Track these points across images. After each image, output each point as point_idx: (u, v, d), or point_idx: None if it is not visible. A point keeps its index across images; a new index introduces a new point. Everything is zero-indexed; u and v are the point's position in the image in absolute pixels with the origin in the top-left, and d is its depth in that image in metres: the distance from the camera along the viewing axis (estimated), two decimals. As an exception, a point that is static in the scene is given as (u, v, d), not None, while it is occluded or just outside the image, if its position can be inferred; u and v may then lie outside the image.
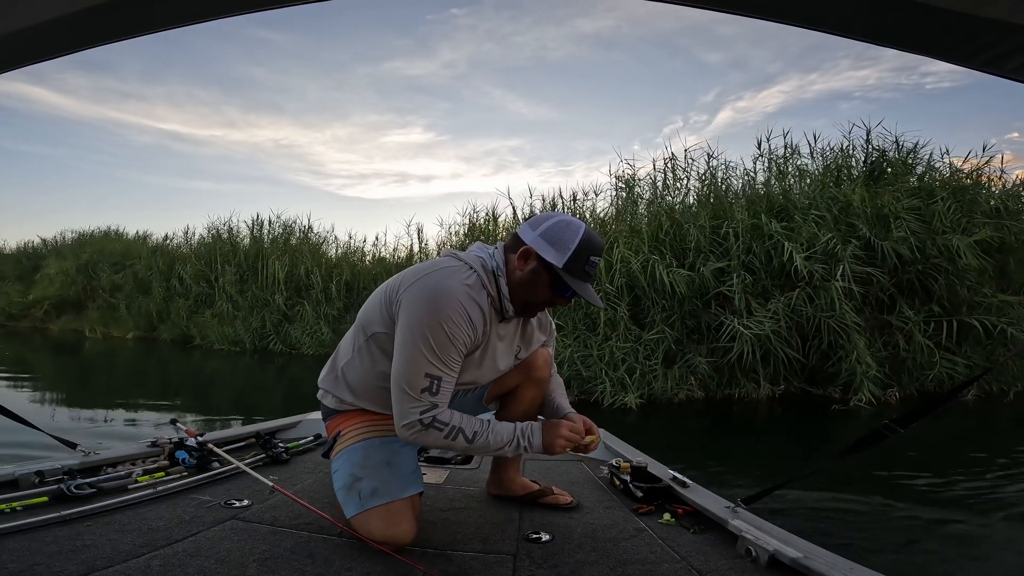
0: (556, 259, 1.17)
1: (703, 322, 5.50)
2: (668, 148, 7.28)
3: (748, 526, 1.25)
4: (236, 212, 14.73)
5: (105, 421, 4.47)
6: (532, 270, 1.21)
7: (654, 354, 5.25)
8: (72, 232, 14.97)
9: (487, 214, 8.98)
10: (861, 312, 5.23)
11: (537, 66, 21.22)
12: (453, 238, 9.16)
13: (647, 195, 7.14)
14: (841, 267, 5.12)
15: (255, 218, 11.57)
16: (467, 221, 9.19)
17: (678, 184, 7.06)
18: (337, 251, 11.00)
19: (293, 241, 11.09)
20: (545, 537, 1.31)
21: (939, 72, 14.28)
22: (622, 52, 20.52)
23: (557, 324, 5.44)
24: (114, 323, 11.70)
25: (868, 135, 6.71)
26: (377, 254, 10.66)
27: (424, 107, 24.13)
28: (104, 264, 12.63)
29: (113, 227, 14.55)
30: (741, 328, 5.01)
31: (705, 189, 6.85)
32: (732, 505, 1.39)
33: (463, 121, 24.00)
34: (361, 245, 11.00)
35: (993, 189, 6.30)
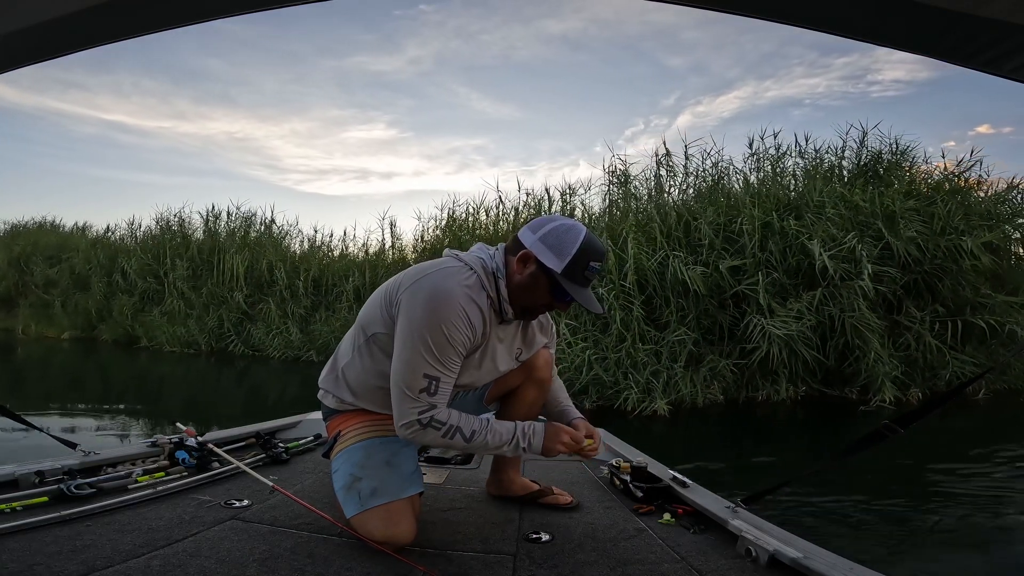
0: (555, 264, 1.17)
1: (718, 322, 5.39)
2: (664, 144, 7.16)
3: (748, 526, 1.25)
4: (189, 203, 13.62)
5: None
6: (531, 274, 1.20)
7: (678, 357, 5.08)
8: (3, 224, 13.81)
9: (467, 209, 8.67)
10: (874, 311, 5.23)
11: (503, 65, 21.19)
12: (428, 233, 8.88)
13: (644, 191, 7.05)
14: (867, 267, 5.09)
15: (210, 209, 10.60)
16: (445, 216, 8.85)
17: (672, 180, 7.01)
18: (302, 246, 10.28)
19: (253, 234, 10.25)
20: (545, 537, 1.31)
21: (884, 81, 14.75)
22: (588, 54, 20.70)
23: (570, 324, 5.30)
24: (48, 322, 10.80)
25: (864, 137, 6.76)
26: (345, 249, 9.97)
27: (388, 103, 23.60)
28: (38, 258, 11.60)
29: (49, 218, 13.45)
30: (773, 328, 4.91)
31: (708, 185, 6.78)
32: (732, 505, 1.39)
33: (427, 118, 23.52)
34: (328, 240, 10.25)
35: (979, 193, 6.35)
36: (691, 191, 6.85)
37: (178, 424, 1.83)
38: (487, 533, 1.34)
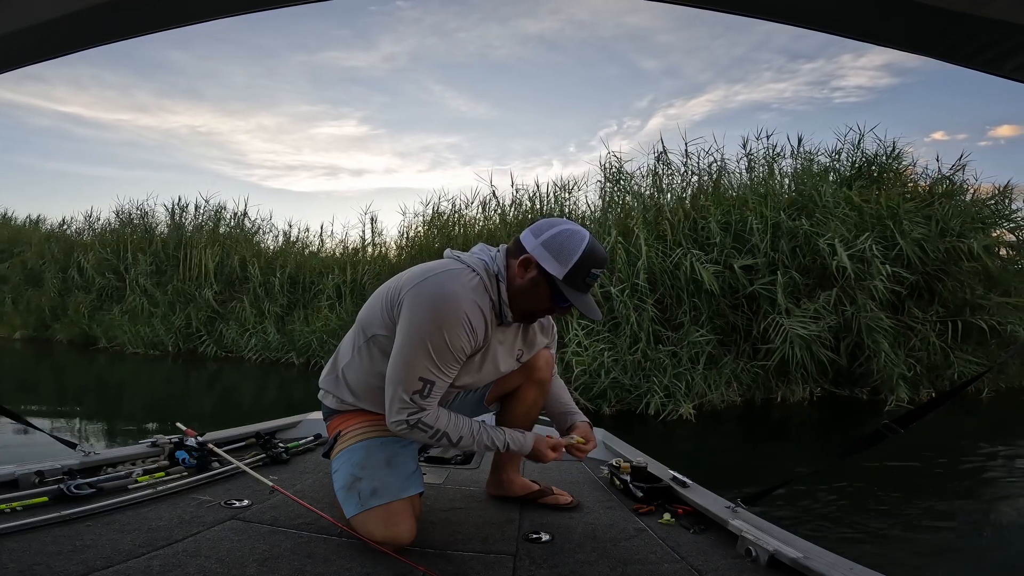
0: (557, 270, 1.16)
1: (731, 322, 5.34)
2: (661, 142, 7.08)
3: (748, 526, 1.25)
4: (153, 195, 13.06)
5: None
6: (532, 279, 1.19)
7: (699, 358, 4.97)
8: (-49, 216, 12.88)
9: (454, 205, 8.44)
10: (881, 311, 5.23)
11: (479, 63, 21.03)
12: (412, 230, 8.66)
13: (644, 188, 6.94)
14: (886, 268, 5.11)
15: (176, 201, 9.98)
16: (430, 211, 8.61)
17: (671, 178, 6.93)
18: (276, 241, 9.81)
19: (222, 229, 9.68)
20: (545, 537, 1.31)
21: (847, 87, 15.28)
22: (563, 54, 20.73)
23: (584, 325, 5.19)
24: (-3, 320, 10.16)
25: (860, 140, 6.76)
26: (322, 245, 9.62)
27: (360, 99, 23.21)
28: (-12, 252, 10.95)
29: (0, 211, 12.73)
30: (800, 329, 4.86)
31: (710, 183, 6.73)
32: (732, 505, 1.39)
33: (400, 115, 23.11)
34: (304, 235, 9.83)
35: (965, 197, 6.37)
36: (690, 189, 6.80)
37: (178, 424, 1.83)
38: (487, 533, 1.34)
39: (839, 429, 4.71)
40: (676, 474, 1.61)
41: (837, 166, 6.82)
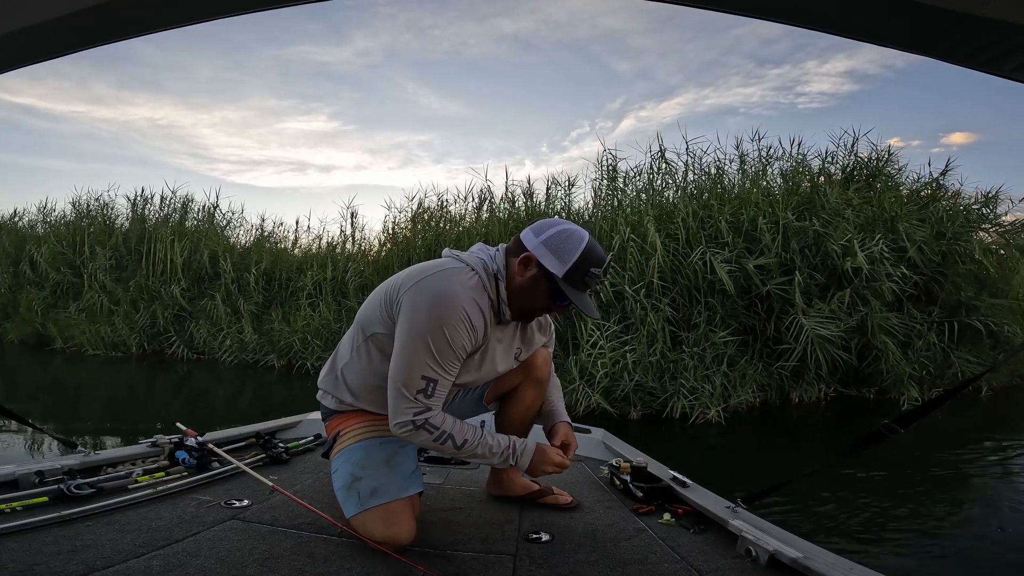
0: (557, 269, 1.17)
1: (742, 323, 5.31)
2: (660, 140, 7.10)
3: (748, 526, 1.25)
4: (115, 186, 12.51)
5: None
6: (532, 277, 1.20)
7: (722, 360, 4.90)
8: None
9: (442, 202, 8.19)
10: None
11: (454, 61, 20.83)
12: (398, 227, 8.38)
13: (643, 185, 6.88)
14: (900, 269, 5.15)
15: (139, 192, 9.42)
16: (415, 206, 8.29)
17: (671, 177, 6.89)
18: (248, 236, 9.35)
19: (189, 223, 9.17)
20: (545, 537, 1.31)
21: (810, 93, 15.52)
22: (538, 55, 20.65)
23: (601, 324, 5.10)
24: (-57, 319, 9.40)
25: (854, 143, 6.75)
26: (296, 240, 9.22)
27: (331, 95, 22.74)
28: (-66, 247, 10.10)
29: (-53, 204, 11.94)
30: (823, 331, 4.84)
31: (709, 182, 6.67)
32: (732, 505, 1.39)
33: (372, 112, 22.64)
34: (279, 230, 9.40)
35: (947, 201, 6.39)
36: (690, 188, 6.79)
37: (178, 424, 1.83)
38: (487, 533, 1.34)
39: (859, 428, 4.66)
40: (676, 474, 1.61)
41: (831, 169, 6.82)
